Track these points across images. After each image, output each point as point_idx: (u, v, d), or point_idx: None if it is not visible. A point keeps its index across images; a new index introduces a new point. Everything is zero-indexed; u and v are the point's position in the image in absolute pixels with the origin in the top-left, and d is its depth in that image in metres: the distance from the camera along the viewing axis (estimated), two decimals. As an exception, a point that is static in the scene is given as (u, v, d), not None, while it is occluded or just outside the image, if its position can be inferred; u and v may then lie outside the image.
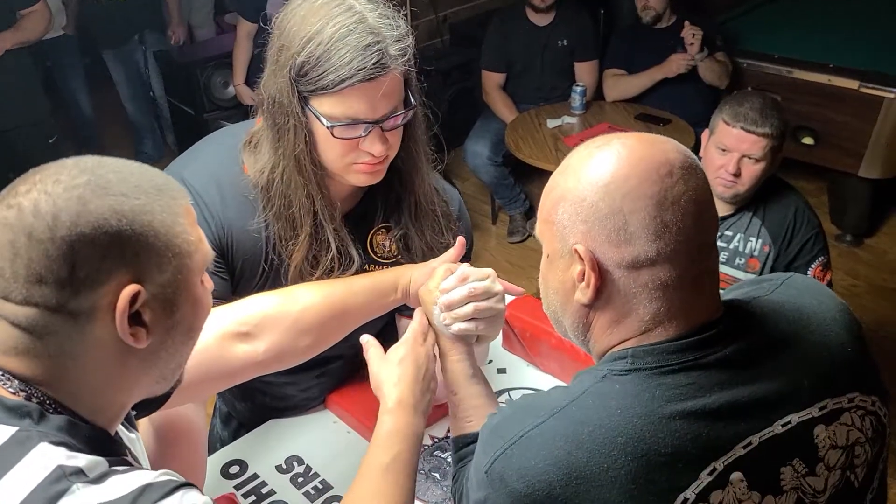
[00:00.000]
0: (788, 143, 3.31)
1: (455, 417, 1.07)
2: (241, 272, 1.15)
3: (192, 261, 0.73)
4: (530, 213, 3.85)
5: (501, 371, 1.52)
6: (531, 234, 3.77)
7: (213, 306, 1.10)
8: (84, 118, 4.38)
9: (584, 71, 3.51)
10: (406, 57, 1.02)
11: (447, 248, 1.21)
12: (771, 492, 0.78)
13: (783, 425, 0.79)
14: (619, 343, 0.82)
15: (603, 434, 0.75)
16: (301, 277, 1.13)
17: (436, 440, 1.37)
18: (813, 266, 1.91)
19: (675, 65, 3.21)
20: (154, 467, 1.10)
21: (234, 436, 1.44)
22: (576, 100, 3.31)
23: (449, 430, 1.38)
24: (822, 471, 0.81)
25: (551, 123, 3.23)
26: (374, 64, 0.98)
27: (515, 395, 1.46)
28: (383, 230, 1.21)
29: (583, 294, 0.81)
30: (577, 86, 3.33)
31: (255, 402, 1.41)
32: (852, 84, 3.18)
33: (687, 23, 3.11)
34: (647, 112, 3.27)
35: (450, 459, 1.32)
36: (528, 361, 1.53)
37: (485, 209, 3.96)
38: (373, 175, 1.10)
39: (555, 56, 3.52)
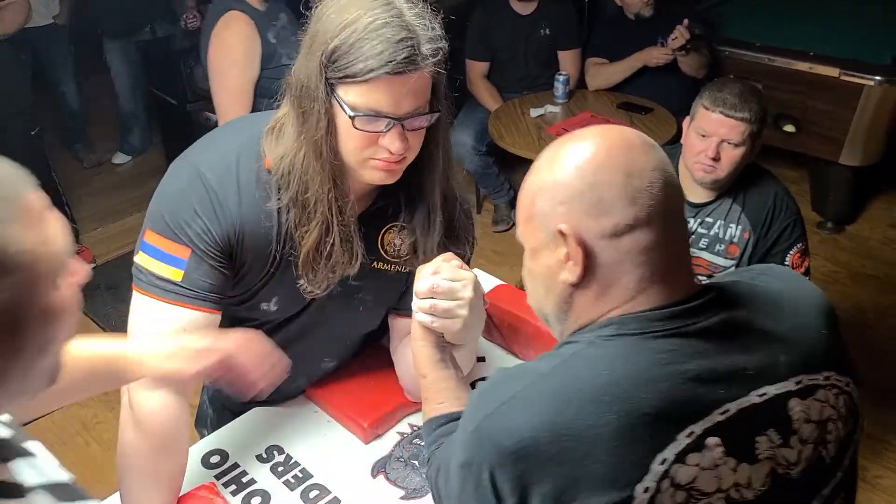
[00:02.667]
0: (770, 130, 3.36)
1: (426, 400, 1.09)
2: (249, 267, 1.15)
3: (35, 271, 0.63)
4: (514, 202, 3.83)
5: (480, 360, 1.53)
6: (515, 223, 3.77)
7: (211, 302, 1.12)
8: (70, 110, 4.35)
9: (567, 60, 3.52)
10: (437, 58, 1.02)
11: (466, 244, 1.23)
12: (746, 459, 0.81)
13: (759, 395, 0.83)
14: (605, 314, 0.85)
15: (590, 393, 0.78)
16: (311, 266, 1.13)
17: (415, 428, 1.38)
18: (791, 252, 1.93)
19: (653, 57, 3.22)
20: (143, 464, 1.12)
21: (221, 415, 1.45)
22: (559, 89, 3.31)
23: (428, 419, 1.40)
24: (795, 443, 0.84)
25: (534, 112, 3.24)
26: (404, 58, 0.98)
27: (494, 382, 1.47)
28: (394, 229, 1.21)
29: (570, 273, 0.84)
30: (560, 74, 3.33)
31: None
32: (833, 72, 3.21)
33: (680, 27, 3.09)
34: (630, 101, 3.28)
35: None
36: (507, 350, 1.55)
37: (469, 199, 3.96)
38: (388, 174, 1.09)
39: (538, 45, 3.53)
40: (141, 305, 1.13)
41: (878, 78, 3.11)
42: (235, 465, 1.32)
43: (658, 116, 3.14)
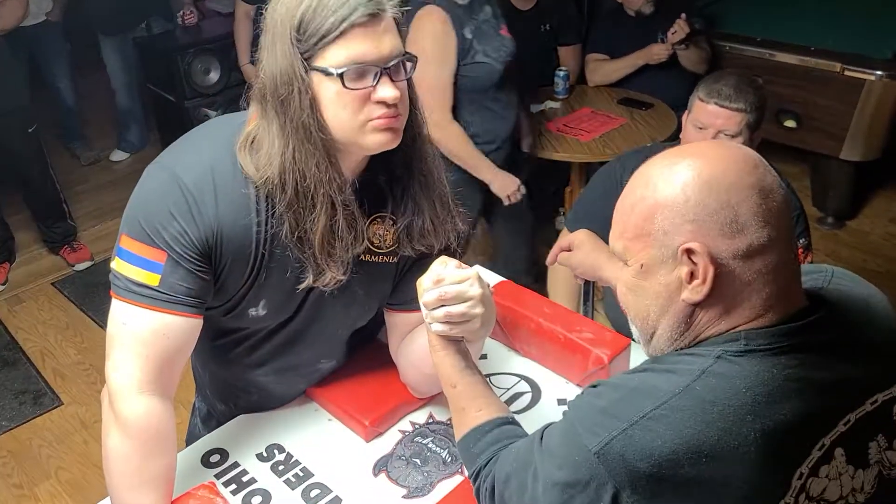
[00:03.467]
0: (771, 126, 3.36)
1: (462, 410, 1.06)
2: (229, 270, 1.13)
3: None
4: (514, 198, 3.84)
5: (482, 357, 1.52)
6: (515, 220, 3.77)
7: (190, 306, 1.11)
8: (66, 106, 4.33)
9: (568, 55, 3.50)
10: (395, 1, 1.03)
11: (453, 231, 1.21)
12: (861, 465, 0.84)
13: (871, 403, 0.85)
14: (727, 331, 0.84)
15: (733, 412, 0.77)
16: (328, 252, 1.11)
17: (417, 426, 1.37)
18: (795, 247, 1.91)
19: (654, 54, 3.21)
20: (131, 468, 1.10)
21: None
22: (559, 84, 3.30)
23: (430, 417, 1.39)
24: None
25: (534, 108, 3.22)
26: (369, 1, 0.99)
27: (496, 380, 1.46)
28: (379, 219, 1.19)
29: (695, 292, 0.82)
30: (560, 70, 3.32)
31: (238, 404, 1.41)
32: (834, 67, 3.19)
33: (680, 20, 3.08)
34: (630, 96, 3.27)
35: (431, 446, 1.32)
36: (509, 347, 1.54)
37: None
38: (390, 133, 1.07)
39: (538, 40, 3.51)
40: (119, 311, 1.11)
41: (879, 72, 3.10)
42: (235, 465, 1.30)
43: (658, 112, 3.12)
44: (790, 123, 3.37)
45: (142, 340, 1.10)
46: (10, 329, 3.19)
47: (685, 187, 0.82)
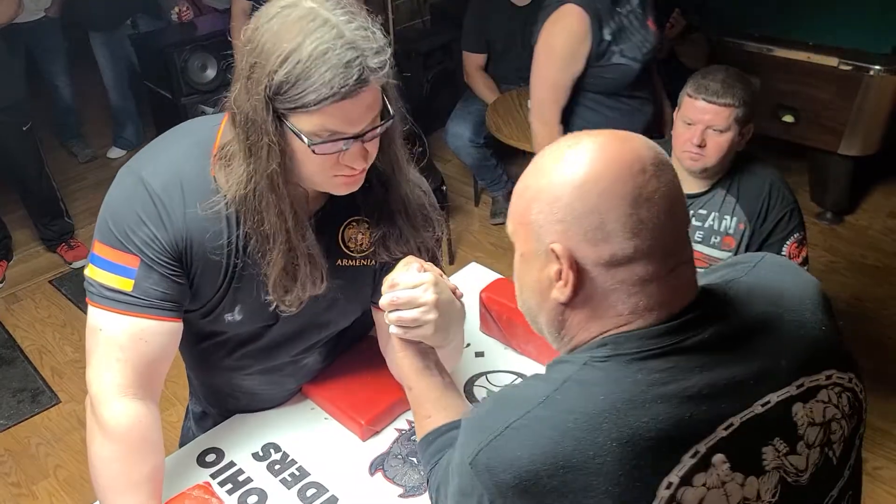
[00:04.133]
0: (769, 121, 3.35)
1: (415, 413, 1.06)
2: (201, 275, 1.13)
3: None
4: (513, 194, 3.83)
5: (479, 354, 1.51)
6: (513, 216, 3.76)
7: (166, 310, 1.10)
8: (63, 104, 4.32)
9: (565, 51, 3.49)
10: (385, 70, 0.99)
11: (429, 242, 1.20)
12: (754, 472, 0.79)
13: (762, 405, 0.80)
14: (598, 335, 0.82)
15: (588, 421, 0.75)
16: (283, 290, 1.11)
17: (413, 425, 1.37)
18: (788, 242, 1.91)
19: None
20: (117, 472, 1.10)
21: None
22: (556, 80, 3.28)
23: (426, 415, 1.38)
24: (802, 449, 0.82)
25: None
26: (355, 81, 0.95)
27: (493, 378, 1.46)
28: (354, 224, 1.19)
29: (560, 293, 0.81)
30: (558, 66, 3.30)
31: (228, 408, 1.41)
32: (832, 61, 3.18)
33: (675, 14, 3.08)
34: (628, 92, 3.25)
35: (427, 444, 1.32)
36: (506, 344, 1.53)
37: (467, 191, 3.95)
38: (353, 185, 1.08)
39: (535, 36, 3.50)
40: (95, 317, 1.11)
41: (877, 67, 3.09)
42: (231, 464, 1.30)
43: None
44: (788, 118, 3.36)
45: (119, 345, 1.09)
46: (8, 327, 3.18)
47: (560, 185, 0.79)
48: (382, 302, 1.04)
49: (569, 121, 2.32)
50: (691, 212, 1.94)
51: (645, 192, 0.77)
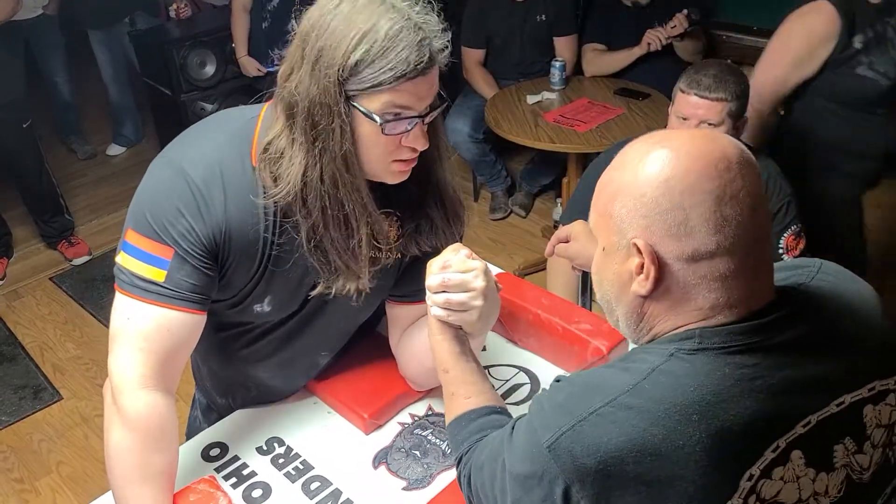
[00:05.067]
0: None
1: (452, 395, 1.07)
2: (235, 268, 1.13)
3: None
4: (512, 189, 3.85)
5: (482, 349, 1.52)
6: (513, 211, 3.77)
7: (194, 302, 1.11)
8: (63, 101, 4.32)
9: (564, 46, 3.50)
10: (447, 52, 1.04)
11: (457, 236, 1.22)
12: (825, 469, 0.82)
13: (837, 405, 0.83)
14: (681, 326, 0.84)
15: (679, 411, 0.77)
16: (374, 258, 1.14)
17: (416, 418, 1.38)
18: (785, 235, 1.91)
19: (648, 39, 3.19)
20: (135, 462, 1.11)
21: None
22: (555, 75, 3.29)
23: (430, 409, 1.39)
24: (868, 448, 0.85)
25: (531, 99, 3.22)
26: (428, 59, 1.00)
27: (495, 371, 1.47)
28: (383, 216, 1.18)
29: (640, 286, 0.83)
30: (557, 61, 3.31)
31: (236, 399, 1.41)
32: (830, 55, 3.18)
33: (680, 15, 3.07)
34: (627, 86, 3.26)
35: (430, 438, 1.33)
36: (507, 338, 1.54)
37: (466, 186, 3.96)
38: (407, 173, 1.11)
39: (534, 31, 3.50)
40: (123, 306, 1.11)
41: (876, 61, 3.09)
42: (235, 458, 1.31)
43: (655, 102, 3.12)
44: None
45: (145, 335, 1.10)
46: (9, 324, 3.19)
47: (645, 181, 0.81)
48: (431, 282, 1.05)
49: (812, 124, 2.16)
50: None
51: (730, 189, 0.79)
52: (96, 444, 2.58)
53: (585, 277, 1.91)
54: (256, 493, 1.25)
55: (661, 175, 0.80)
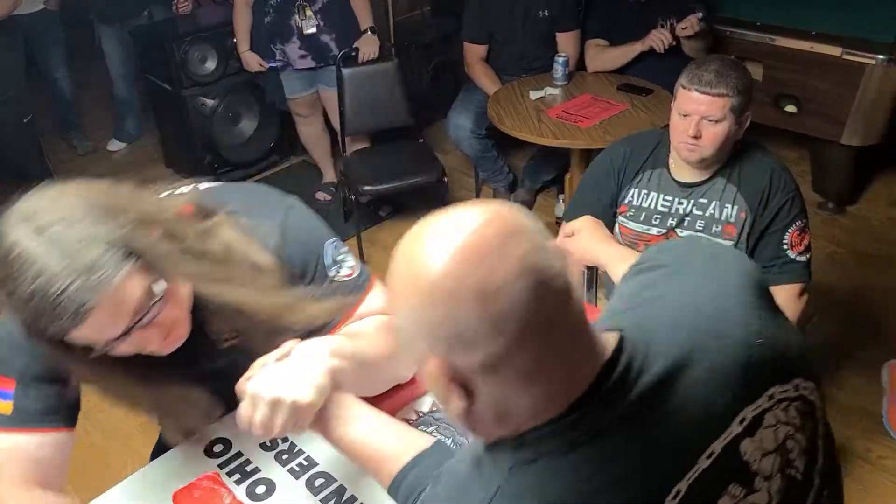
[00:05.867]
0: (771, 110, 3.34)
1: (378, 473, 1.04)
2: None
3: None
4: (514, 186, 3.83)
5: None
6: (515, 207, 3.75)
7: (46, 421, 1.09)
8: (62, 96, 4.31)
9: (566, 41, 3.48)
10: (116, 263, 0.93)
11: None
12: None
13: (708, 457, 0.74)
14: (513, 432, 0.74)
15: None
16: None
17: (420, 415, 1.37)
18: (790, 230, 1.90)
19: (652, 41, 3.18)
20: None
21: None
22: (558, 70, 3.28)
23: (434, 406, 1.38)
24: (760, 483, 0.77)
25: (534, 95, 3.21)
26: (75, 311, 0.91)
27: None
28: (205, 326, 1.13)
29: (455, 406, 0.73)
30: (559, 56, 3.30)
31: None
32: (835, 51, 3.18)
33: (693, 18, 3.05)
34: (630, 82, 3.25)
35: (435, 434, 1.32)
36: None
37: (468, 183, 3.95)
38: (173, 343, 1.05)
39: (536, 26, 3.49)
40: None
41: (881, 57, 3.08)
42: (239, 454, 1.30)
43: (659, 98, 3.10)
44: (790, 108, 3.35)
45: (18, 460, 1.10)
46: (10, 320, 3.17)
47: (412, 286, 0.69)
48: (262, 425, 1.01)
49: None
50: (692, 201, 1.94)
51: (493, 281, 0.66)
52: (98, 440, 2.57)
53: (591, 273, 1.89)
54: (260, 489, 1.24)
55: (423, 284, 0.68)
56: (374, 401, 1.33)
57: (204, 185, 1.20)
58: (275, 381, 1.01)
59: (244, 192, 1.23)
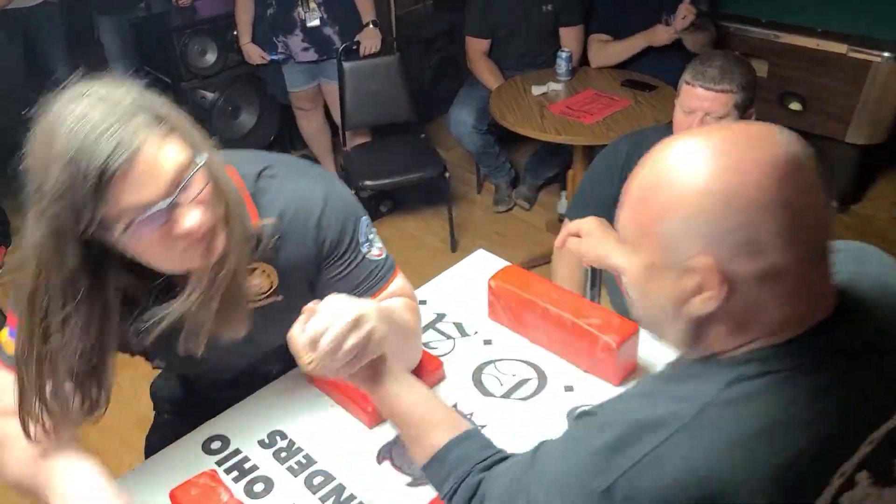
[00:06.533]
0: (776, 108, 3.32)
1: (422, 437, 1.01)
2: None
3: None
4: (515, 181, 3.81)
5: (487, 342, 1.49)
6: (517, 204, 3.74)
7: None
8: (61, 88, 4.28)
9: (570, 36, 3.46)
10: (147, 128, 0.93)
11: None
12: (888, 484, 0.78)
13: None
14: (741, 346, 0.78)
15: (742, 443, 0.72)
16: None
17: (421, 413, 1.35)
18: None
19: (658, 37, 3.16)
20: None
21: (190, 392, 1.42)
22: (561, 66, 3.26)
23: (434, 403, 1.37)
24: None
25: (537, 90, 3.19)
26: (109, 156, 0.89)
27: (501, 365, 1.44)
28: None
29: (700, 308, 0.75)
30: (563, 51, 3.28)
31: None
32: (840, 48, 3.16)
33: (685, 5, 3.04)
34: (634, 78, 3.23)
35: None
36: (514, 331, 1.51)
37: (470, 178, 3.93)
38: (211, 253, 1.01)
39: (540, 21, 3.47)
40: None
41: (886, 55, 3.06)
42: (237, 451, 1.28)
43: (661, 94, 3.08)
44: (795, 106, 3.33)
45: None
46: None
47: (702, 197, 0.72)
48: (303, 344, 0.94)
49: None
50: None
51: (797, 194, 0.71)
52: (94, 437, 2.55)
53: (594, 272, 1.88)
54: (258, 487, 1.22)
55: (717, 190, 0.72)
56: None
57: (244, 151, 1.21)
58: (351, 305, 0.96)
59: (287, 159, 1.24)
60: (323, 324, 0.93)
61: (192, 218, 0.95)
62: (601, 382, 1.38)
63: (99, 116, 0.90)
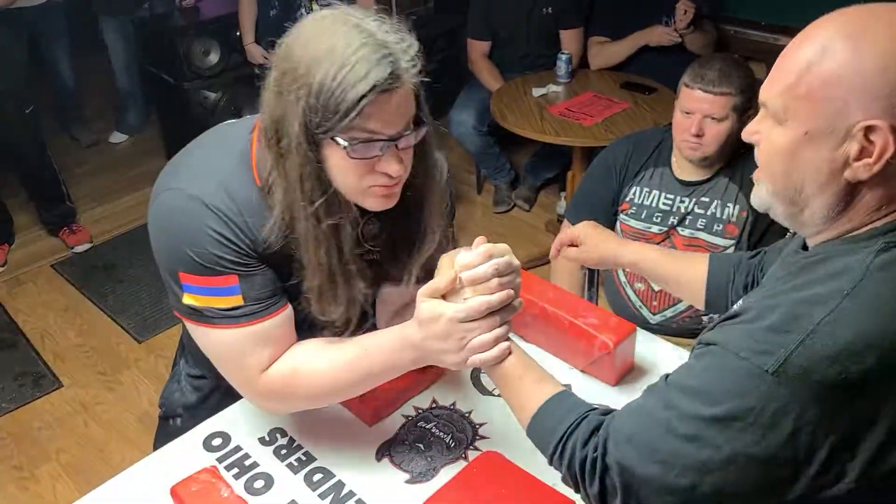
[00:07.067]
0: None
1: (528, 398, 1.02)
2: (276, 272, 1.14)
3: None
4: (515, 182, 3.83)
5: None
6: (516, 205, 3.76)
7: (277, 304, 1.12)
8: (65, 88, 4.30)
9: (570, 39, 3.48)
10: (417, 69, 1.00)
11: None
12: None
13: None
14: (881, 217, 0.81)
15: None
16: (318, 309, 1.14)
17: (420, 411, 1.37)
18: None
19: (656, 35, 3.18)
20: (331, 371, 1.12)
21: (205, 399, 1.43)
22: (561, 68, 3.27)
23: (434, 402, 1.38)
24: None
25: (537, 92, 3.20)
26: (389, 74, 0.95)
27: (500, 365, 1.45)
28: (372, 220, 1.17)
29: (863, 171, 0.79)
30: (563, 54, 3.29)
31: None
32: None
33: (683, 2, 3.05)
34: (633, 80, 3.24)
35: (434, 431, 1.32)
36: (512, 332, 1.52)
37: (470, 179, 3.95)
38: (389, 199, 1.08)
39: (540, 24, 3.48)
40: (223, 338, 1.13)
41: (884, 58, 3.07)
42: (238, 448, 1.30)
43: (661, 96, 3.10)
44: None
45: (249, 352, 1.13)
46: (10, 311, 3.18)
47: (871, 59, 0.77)
48: (482, 271, 1.01)
49: None
50: (694, 200, 1.93)
51: None
52: (96, 433, 2.58)
53: (592, 272, 1.89)
54: (258, 483, 1.24)
55: (889, 50, 0.76)
56: (370, 395, 1.34)
57: None
58: None
59: None
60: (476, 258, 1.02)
61: (395, 164, 1.03)
62: (598, 382, 1.40)
63: (384, 39, 0.98)
